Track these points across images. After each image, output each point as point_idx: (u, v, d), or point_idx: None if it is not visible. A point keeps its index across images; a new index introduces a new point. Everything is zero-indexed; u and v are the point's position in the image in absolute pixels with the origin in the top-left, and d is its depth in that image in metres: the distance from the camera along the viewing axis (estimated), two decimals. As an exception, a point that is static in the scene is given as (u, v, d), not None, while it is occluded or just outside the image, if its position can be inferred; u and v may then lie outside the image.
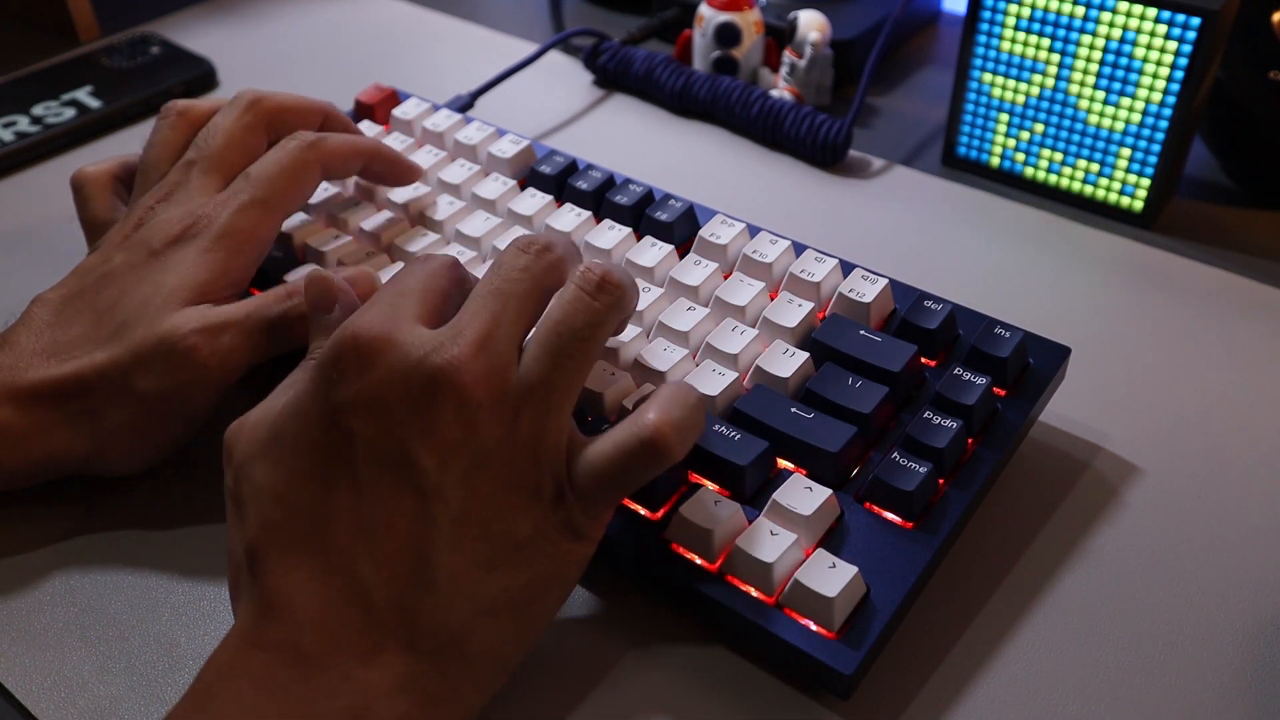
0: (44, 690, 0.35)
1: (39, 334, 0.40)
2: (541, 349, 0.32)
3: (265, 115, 0.46)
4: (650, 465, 0.32)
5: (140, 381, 0.38)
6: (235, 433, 0.34)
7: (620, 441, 0.32)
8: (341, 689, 0.29)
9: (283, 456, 0.32)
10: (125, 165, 0.47)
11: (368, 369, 0.31)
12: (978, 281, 0.51)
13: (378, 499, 0.31)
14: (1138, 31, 0.50)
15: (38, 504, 0.41)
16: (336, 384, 0.31)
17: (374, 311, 0.33)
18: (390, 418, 0.31)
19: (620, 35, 0.67)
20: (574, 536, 0.33)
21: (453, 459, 0.31)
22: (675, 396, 0.33)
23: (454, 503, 0.31)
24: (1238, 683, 0.35)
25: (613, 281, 0.34)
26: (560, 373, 0.32)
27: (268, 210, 0.42)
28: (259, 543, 0.31)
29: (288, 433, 0.32)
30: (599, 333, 0.33)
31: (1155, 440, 0.43)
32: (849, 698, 0.34)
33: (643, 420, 0.32)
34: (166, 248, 0.41)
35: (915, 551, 0.36)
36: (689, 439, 0.33)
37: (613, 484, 0.32)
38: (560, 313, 0.33)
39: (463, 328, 0.32)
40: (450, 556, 0.31)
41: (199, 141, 0.45)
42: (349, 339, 0.32)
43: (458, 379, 0.31)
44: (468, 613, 0.31)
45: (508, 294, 0.33)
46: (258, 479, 0.32)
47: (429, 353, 0.31)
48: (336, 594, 0.30)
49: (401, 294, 0.34)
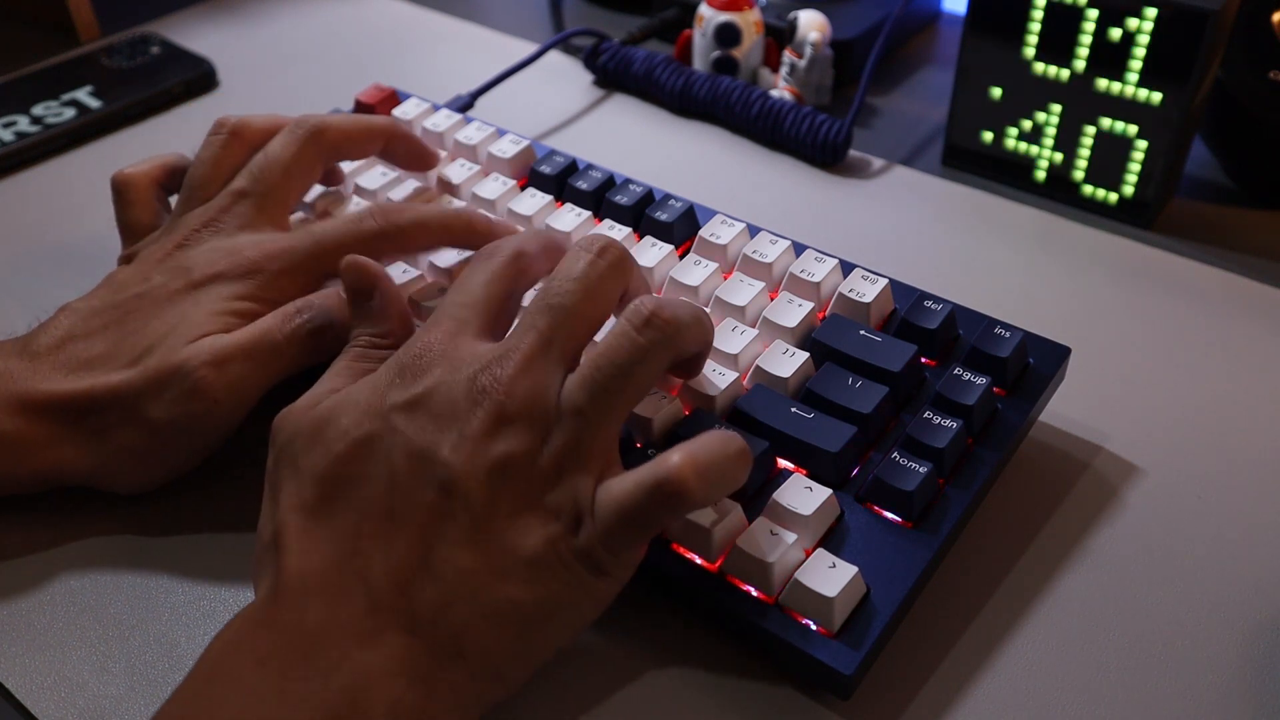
0: (44, 690, 0.35)
1: (60, 344, 0.40)
2: (581, 378, 0.33)
3: (328, 148, 0.45)
4: (667, 507, 0.32)
5: (151, 409, 0.38)
6: (283, 418, 0.35)
7: (641, 479, 0.32)
8: (340, 669, 0.30)
9: (328, 443, 0.33)
10: (167, 168, 0.46)
11: (423, 379, 0.33)
12: (978, 281, 0.51)
13: (405, 493, 0.32)
14: (1138, 31, 0.50)
15: (38, 505, 0.41)
16: (396, 388, 0.33)
17: (442, 328, 0.35)
18: (432, 420, 0.32)
19: (620, 35, 0.67)
20: (593, 569, 0.32)
21: (479, 461, 0.32)
22: (710, 442, 0.32)
23: (475, 502, 0.31)
24: (1238, 683, 0.35)
25: (662, 317, 0.33)
26: (595, 405, 0.32)
27: (310, 277, 0.42)
28: (288, 522, 0.32)
29: (337, 422, 0.33)
30: (642, 369, 0.33)
31: (1155, 440, 0.43)
32: (849, 698, 0.34)
33: (666, 460, 0.32)
34: (206, 281, 0.41)
35: (915, 551, 0.36)
36: (717, 488, 0.32)
37: (630, 521, 0.32)
38: (604, 345, 0.33)
39: (511, 348, 0.33)
40: (460, 551, 0.31)
41: (254, 170, 0.44)
42: (415, 352, 0.34)
43: (499, 397, 0.32)
44: (469, 612, 0.31)
45: (557, 309, 0.34)
46: (299, 461, 0.33)
47: (478, 371, 0.33)
48: (348, 577, 0.31)
49: (466, 305, 0.35)
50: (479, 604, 0.31)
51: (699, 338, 0.36)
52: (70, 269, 0.51)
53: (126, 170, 0.46)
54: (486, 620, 0.31)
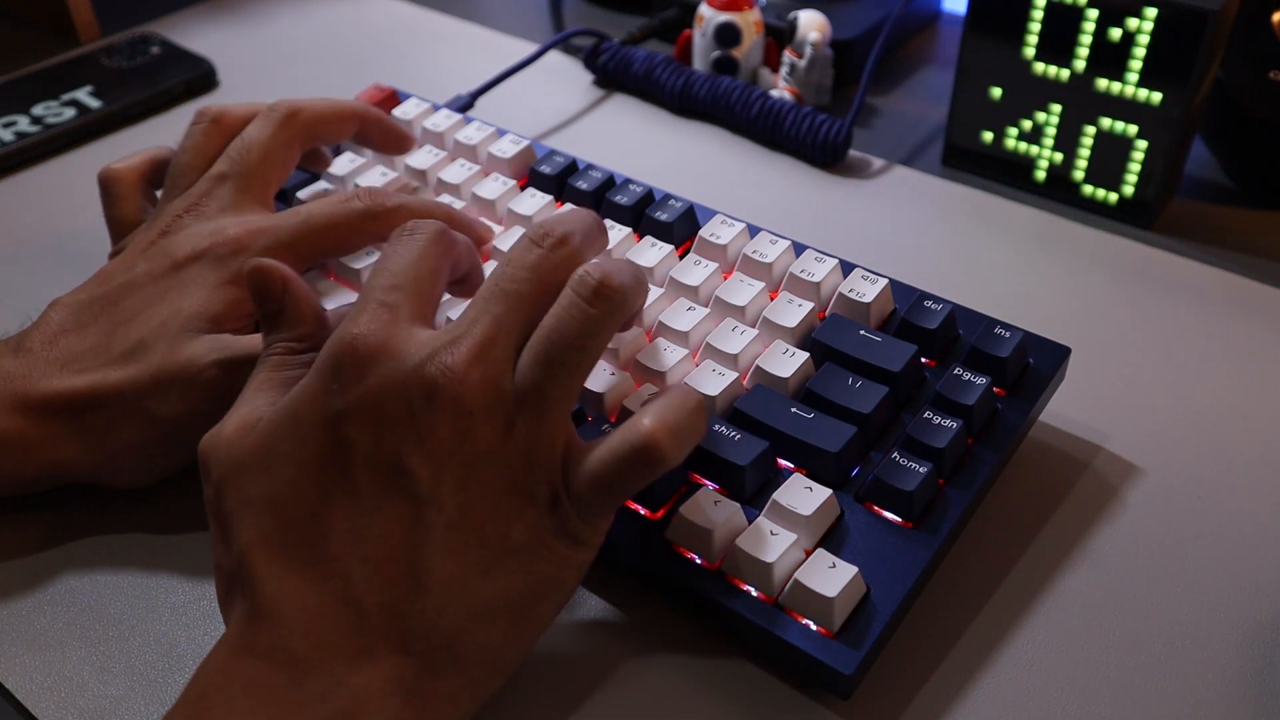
0: (44, 690, 0.35)
1: (53, 340, 0.40)
2: (535, 357, 0.32)
3: (302, 128, 0.45)
4: (645, 472, 0.32)
5: (156, 406, 0.38)
6: (212, 445, 0.33)
7: (615, 447, 0.32)
8: (332, 693, 0.29)
9: (275, 465, 0.31)
10: (152, 162, 0.47)
11: (365, 377, 0.31)
12: (978, 281, 0.51)
13: (372, 506, 0.31)
14: (1138, 31, 0.50)
15: (38, 506, 0.41)
16: (335, 394, 0.31)
17: (370, 315, 0.32)
18: (386, 425, 0.31)
19: (620, 35, 0.67)
20: (571, 542, 0.32)
21: (446, 465, 0.31)
22: (673, 402, 0.33)
23: (448, 508, 0.31)
24: (1238, 683, 0.35)
25: (611, 286, 0.33)
26: (554, 381, 0.32)
27: (294, 255, 0.41)
28: (251, 552, 0.31)
29: (281, 441, 0.32)
30: (595, 340, 0.33)
31: (1155, 440, 0.43)
32: (849, 698, 0.34)
33: (638, 426, 0.32)
34: (189, 261, 0.40)
35: (915, 551, 0.36)
36: (687, 444, 0.33)
37: (608, 490, 0.32)
38: (555, 320, 0.32)
39: (461, 334, 0.32)
40: (443, 561, 0.31)
41: (232, 153, 0.44)
42: (348, 348, 0.32)
43: (453, 388, 0.31)
44: (461, 616, 0.31)
45: (510, 295, 0.33)
46: (248, 489, 0.31)
47: (425, 360, 0.31)
48: (328, 599, 0.30)
49: (394, 288, 0.33)
50: (470, 606, 0.31)
51: (641, 299, 0.35)
52: (70, 269, 0.51)
53: (113, 166, 0.46)
54: (478, 619, 0.31)
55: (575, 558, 0.33)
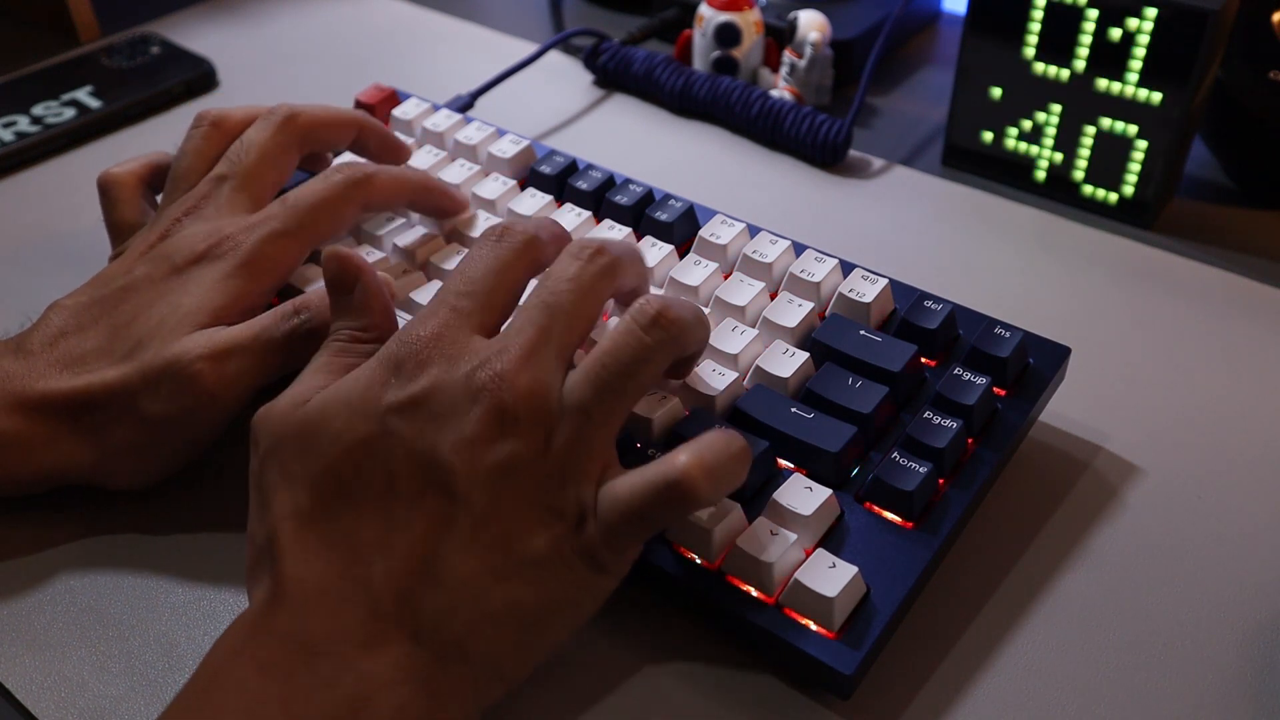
0: (44, 690, 0.35)
1: (53, 342, 0.40)
2: (586, 376, 0.33)
3: (300, 132, 0.46)
4: (675, 507, 0.32)
5: (147, 404, 0.38)
6: (264, 418, 0.34)
7: (649, 478, 0.32)
8: (343, 677, 0.30)
9: (321, 445, 0.32)
10: (152, 166, 0.47)
11: (420, 377, 0.32)
12: (978, 281, 0.51)
13: (406, 499, 0.31)
14: (1138, 31, 0.50)
15: (38, 506, 0.41)
16: (391, 387, 0.32)
17: (439, 320, 0.34)
18: (431, 423, 0.32)
19: (620, 35, 0.67)
20: (594, 567, 0.32)
21: (481, 464, 0.31)
22: (715, 443, 0.32)
23: (476, 507, 0.31)
24: (1238, 683, 0.35)
25: (668, 316, 0.33)
26: (600, 403, 0.32)
27: (296, 241, 0.42)
28: (283, 529, 0.32)
29: (330, 421, 0.32)
30: (646, 368, 0.33)
31: (1155, 440, 0.43)
32: (849, 698, 0.34)
33: (674, 460, 0.32)
34: (189, 264, 0.41)
35: (915, 551, 0.36)
36: (722, 487, 0.33)
37: (635, 519, 0.32)
38: (610, 343, 0.33)
39: (509, 343, 0.33)
40: (462, 558, 0.31)
41: (231, 156, 0.44)
42: (412, 349, 0.33)
43: (499, 394, 0.32)
44: (472, 616, 0.31)
45: (554, 307, 0.33)
46: (290, 464, 0.32)
47: (477, 366, 0.32)
48: (348, 583, 0.31)
49: (468, 294, 0.34)
50: (482, 608, 0.31)
51: (700, 338, 0.36)
52: (70, 269, 0.51)
53: (112, 170, 0.46)
54: (490, 623, 0.31)
55: (595, 583, 0.33)
